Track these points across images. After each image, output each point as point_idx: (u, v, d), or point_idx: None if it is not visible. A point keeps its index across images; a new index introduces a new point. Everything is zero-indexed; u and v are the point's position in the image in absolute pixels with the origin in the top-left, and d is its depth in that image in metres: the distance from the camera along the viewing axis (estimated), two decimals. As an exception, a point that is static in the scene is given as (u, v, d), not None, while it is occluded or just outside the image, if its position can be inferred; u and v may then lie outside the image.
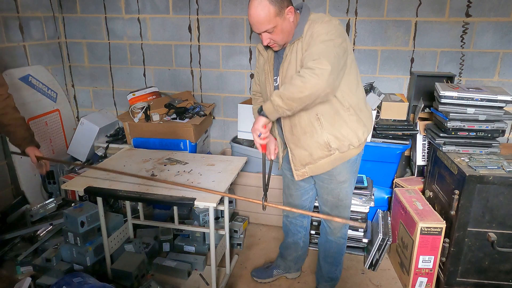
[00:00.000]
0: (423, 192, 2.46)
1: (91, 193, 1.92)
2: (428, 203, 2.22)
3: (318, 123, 1.67)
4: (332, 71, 1.41)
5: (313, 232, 2.48)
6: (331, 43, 1.47)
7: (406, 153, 2.73)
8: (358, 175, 2.53)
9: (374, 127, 2.51)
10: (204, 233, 2.50)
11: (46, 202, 2.81)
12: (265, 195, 1.75)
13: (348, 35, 2.74)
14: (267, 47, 1.70)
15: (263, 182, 1.76)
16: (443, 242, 2.04)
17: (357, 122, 1.71)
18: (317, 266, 2.16)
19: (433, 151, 2.33)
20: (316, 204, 2.10)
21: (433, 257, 2.07)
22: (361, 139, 1.73)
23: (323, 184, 1.87)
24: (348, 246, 2.50)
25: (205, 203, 1.76)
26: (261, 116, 1.55)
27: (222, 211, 2.55)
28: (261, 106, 1.54)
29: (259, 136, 1.57)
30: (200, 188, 1.86)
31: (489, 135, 2.14)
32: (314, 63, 1.42)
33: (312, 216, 2.29)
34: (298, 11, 1.63)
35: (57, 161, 2.90)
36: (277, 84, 1.72)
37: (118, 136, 3.19)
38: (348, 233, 2.43)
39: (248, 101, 2.86)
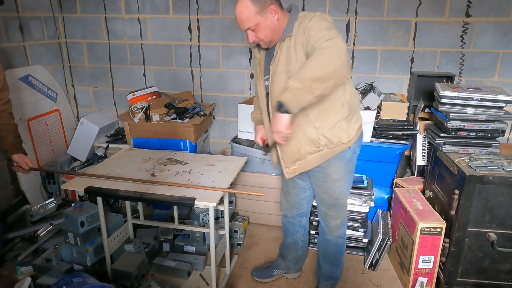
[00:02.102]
0: (423, 192, 2.46)
1: (91, 193, 1.92)
2: (428, 203, 2.22)
3: (307, 119, 1.68)
4: (345, 48, 1.43)
5: (313, 232, 2.48)
6: (335, 29, 1.51)
7: (406, 153, 2.73)
8: (358, 175, 2.54)
9: (374, 127, 2.51)
10: (204, 233, 2.50)
11: (46, 202, 2.81)
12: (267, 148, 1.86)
13: (348, 35, 2.76)
14: (260, 48, 1.76)
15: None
16: (443, 242, 2.04)
17: (348, 118, 1.72)
18: (317, 265, 2.16)
19: (433, 151, 2.33)
20: (315, 203, 2.10)
21: (433, 257, 2.07)
22: (351, 135, 1.74)
23: (318, 183, 1.88)
24: (348, 246, 2.50)
25: (205, 203, 1.76)
26: (283, 114, 1.44)
27: (222, 211, 2.55)
28: (279, 101, 1.43)
29: (283, 138, 1.51)
30: (202, 186, 1.86)
31: (489, 135, 2.14)
32: (329, 42, 1.42)
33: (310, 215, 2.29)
34: (289, 11, 1.68)
35: (47, 170, 2.91)
36: (267, 84, 1.74)
37: (118, 136, 3.19)
38: (348, 233, 2.44)
39: (248, 101, 2.86)
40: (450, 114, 2.13)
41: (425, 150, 2.59)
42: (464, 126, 2.13)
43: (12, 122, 2.10)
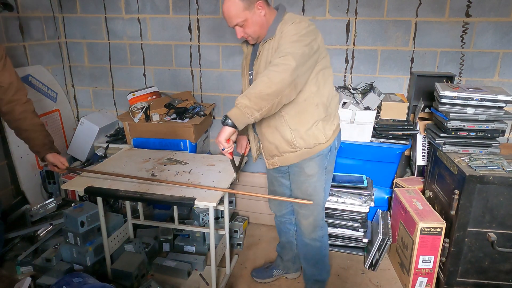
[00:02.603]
0: (423, 192, 2.46)
1: (91, 193, 1.92)
2: (428, 203, 2.22)
3: (282, 120, 1.70)
4: (296, 67, 1.46)
5: (313, 232, 2.48)
6: (299, 43, 1.52)
7: (406, 153, 2.73)
8: (358, 175, 2.54)
9: (374, 127, 2.51)
10: (204, 233, 2.50)
11: (46, 202, 2.81)
12: (237, 173, 1.88)
13: (348, 35, 2.76)
14: (247, 44, 1.79)
15: (235, 167, 1.83)
16: (443, 242, 2.04)
17: (324, 119, 1.74)
18: (302, 268, 2.15)
19: (433, 151, 2.33)
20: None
21: (433, 257, 2.07)
22: (328, 136, 1.76)
23: (294, 177, 1.89)
24: (348, 246, 2.51)
25: (205, 203, 1.76)
26: (226, 126, 1.48)
27: (222, 211, 2.55)
28: (226, 115, 1.47)
29: (222, 150, 1.54)
30: (202, 186, 1.87)
31: (489, 135, 2.14)
32: (280, 59, 1.47)
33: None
34: (276, 10, 1.70)
35: (84, 170, 2.53)
36: (251, 78, 1.77)
37: (118, 136, 3.19)
38: (348, 233, 2.45)
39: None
40: (450, 114, 2.13)
41: (425, 150, 2.59)
42: (464, 126, 2.13)
43: (37, 121, 2.06)
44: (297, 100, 1.64)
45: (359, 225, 2.42)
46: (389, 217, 2.53)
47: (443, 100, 2.14)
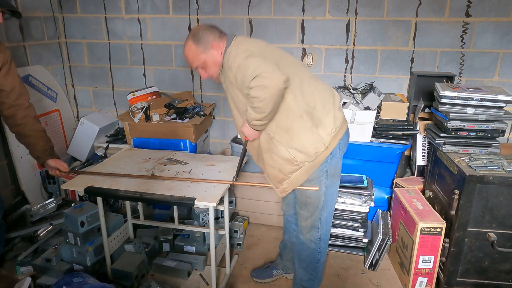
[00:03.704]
0: (423, 192, 2.46)
1: (91, 193, 1.92)
2: (428, 203, 2.22)
3: (273, 142, 1.70)
4: (270, 69, 1.49)
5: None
6: (248, 60, 1.54)
7: (406, 153, 2.73)
8: (358, 175, 2.54)
9: (374, 127, 2.51)
10: (204, 233, 2.50)
11: (46, 202, 2.81)
12: (237, 175, 1.96)
13: (348, 35, 2.76)
14: None
15: (239, 163, 1.95)
16: (443, 242, 2.04)
17: (315, 126, 1.67)
18: (294, 269, 2.12)
19: (433, 151, 2.33)
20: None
21: (433, 257, 2.07)
22: (326, 141, 1.68)
23: None
24: (348, 246, 2.51)
25: (205, 203, 1.76)
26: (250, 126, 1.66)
27: (222, 211, 2.55)
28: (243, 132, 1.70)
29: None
30: (203, 179, 1.90)
31: (489, 135, 2.14)
32: (254, 81, 1.49)
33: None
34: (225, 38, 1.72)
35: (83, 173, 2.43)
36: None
37: (118, 136, 3.19)
38: (348, 233, 2.45)
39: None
40: (450, 114, 2.13)
41: (425, 150, 2.59)
42: (464, 126, 2.13)
43: (38, 127, 2.07)
44: (280, 119, 1.64)
45: (359, 225, 2.42)
46: (389, 217, 2.53)
47: (443, 100, 2.14)
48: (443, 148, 2.18)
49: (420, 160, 2.60)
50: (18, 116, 2.01)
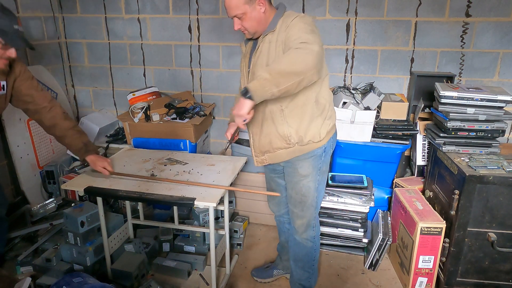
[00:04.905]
0: (423, 192, 2.46)
1: (91, 193, 1.92)
2: (428, 203, 2.22)
3: (281, 115, 1.70)
4: (319, 52, 1.46)
5: (313, 232, 2.48)
6: (313, 34, 1.53)
7: (406, 153, 2.73)
8: (358, 175, 2.54)
9: (374, 127, 2.51)
10: (204, 233, 2.50)
11: (46, 202, 2.81)
12: (229, 145, 1.92)
13: (348, 35, 2.76)
14: (246, 42, 1.81)
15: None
16: (443, 242, 2.04)
17: (321, 117, 1.75)
18: (290, 270, 2.12)
19: (433, 151, 2.33)
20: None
21: (433, 257, 2.07)
22: (322, 135, 1.75)
23: (288, 178, 1.89)
24: (348, 246, 2.51)
25: (205, 203, 1.76)
26: (246, 99, 1.47)
27: (222, 211, 2.55)
28: (246, 87, 1.47)
29: (244, 121, 1.55)
30: (202, 183, 1.87)
31: (489, 135, 2.14)
32: (304, 44, 1.46)
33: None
34: (276, 9, 1.71)
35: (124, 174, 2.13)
36: (249, 70, 1.77)
37: (118, 136, 3.19)
38: (348, 233, 2.45)
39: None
40: (450, 114, 2.13)
41: (425, 150, 2.59)
42: (464, 126, 2.13)
43: (67, 125, 2.06)
44: (298, 96, 1.65)
45: (359, 225, 2.42)
46: (389, 217, 2.53)
47: (443, 100, 2.14)
48: (443, 148, 2.18)
49: (420, 160, 2.60)
50: (45, 119, 2.04)
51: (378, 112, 2.60)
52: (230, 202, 2.76)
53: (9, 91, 1.97)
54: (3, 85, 1.92)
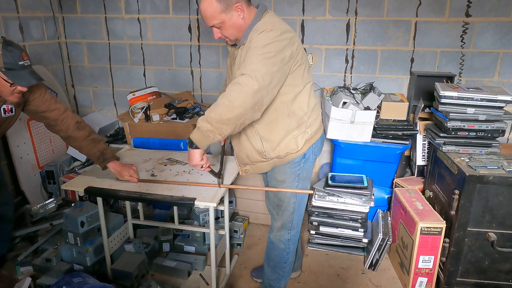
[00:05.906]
0: (423, 192, 2.46)
1: (91, 193, 1.92)
2: (428, 203, 2.22)
3: (254, 131, 1.69)
4: (259, 89, 1.43)
5: (312, 232, 2.48)
6: (264, 59, 1.46)
7: (406, 153, 2.73)
8: (358, 175, 2.53)
9: (374, 127, 2.51)
10: (204, 233, 2.50)
11: (46, 202, 2.81)
12: (220, 177, 1.91)
13: (348, 35, 2.76)
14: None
15: (219, 169, 1.92)
16: (443, 242, 2.04)
17: (298, 131, 1.70)
18: (263, 268, 2.11)
19: (433, 151, 2.33)
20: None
21: (433, 257, 2.07)
22: (300, 145, 1.70)
23: (269, 181, 1.91)
24: (348, 246, 2.51)
25: (205, 203, 1.76)
26: (194, 150, 1.56)
27: (222, 211, 2.55)
28: (189, 138, 1.52)
29: (201, 167, 1.63)
30: (201, 183, 1.87)
31: (489, 135, 2.14)
32: (242, 78, 1.44)
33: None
34: (257, 7, 1.63)
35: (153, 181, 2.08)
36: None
37: (118, 136, 3.19)
38: (348, 233, 2.44)
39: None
40: (450, 114, 2.13)
41: (425, 150, 2.59)
42: (464, 126, 2.13)
43: (82, 135, 1.98)
44: (268, 110, 1.60)
45: (359, 225, 2.42)
46: (389, 217, 2.53)
47: (443, 100, 2.14)
48: (443, 148, 2.18)
49: (420, 160, 2.60)
50: (62, 132, 2.00)
51: (378, 112, 2.59)
52: (230, 202, 2.76)
53: (17, 112, 1.97)
54: (11, 108, 1.92)
